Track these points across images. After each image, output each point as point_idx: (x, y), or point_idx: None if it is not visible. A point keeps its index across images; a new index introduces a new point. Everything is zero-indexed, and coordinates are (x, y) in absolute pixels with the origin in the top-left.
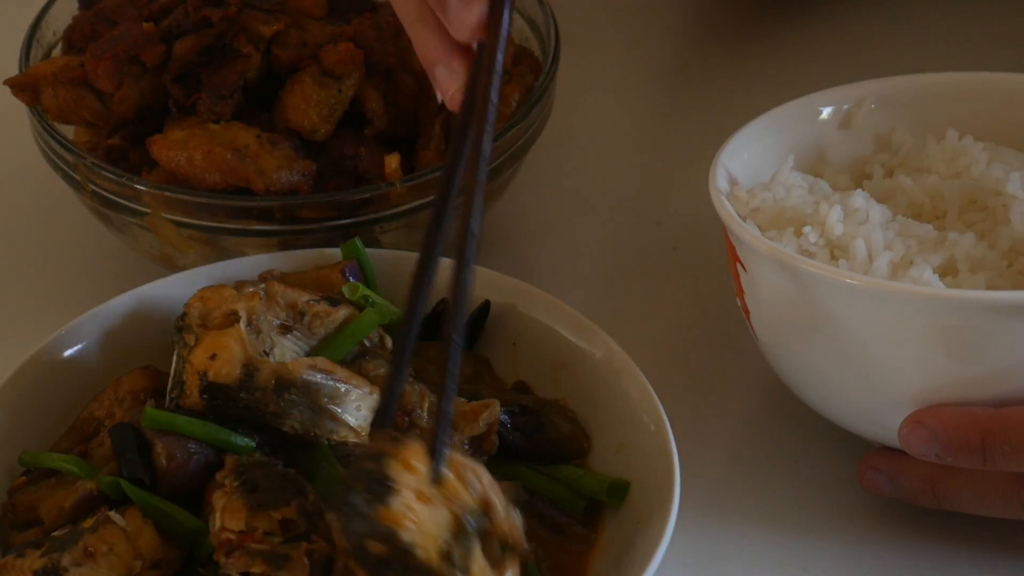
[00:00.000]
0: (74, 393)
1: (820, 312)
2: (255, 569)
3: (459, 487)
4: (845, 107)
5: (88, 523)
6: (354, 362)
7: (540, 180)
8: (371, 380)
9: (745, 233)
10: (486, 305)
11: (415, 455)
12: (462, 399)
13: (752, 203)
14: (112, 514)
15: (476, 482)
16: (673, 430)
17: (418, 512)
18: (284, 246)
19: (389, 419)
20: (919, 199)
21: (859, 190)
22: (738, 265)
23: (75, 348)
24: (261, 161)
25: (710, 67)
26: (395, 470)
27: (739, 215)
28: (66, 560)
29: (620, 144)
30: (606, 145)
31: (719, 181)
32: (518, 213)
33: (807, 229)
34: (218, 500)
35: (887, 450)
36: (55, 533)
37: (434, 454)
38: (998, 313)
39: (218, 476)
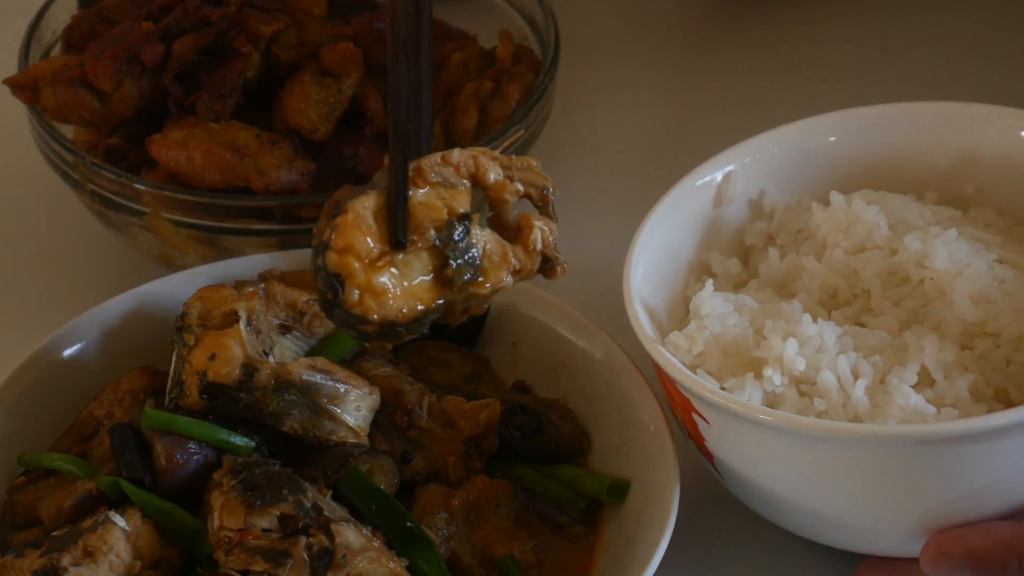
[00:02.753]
0: (74, 393)
1: (808, 461)
2: (255, 567)
3: (429, 206)
4: (715, 180)
5: (87, 523)
6: (353, 362)
7: None
8: (371, 380)
9: (709, 393)
10: None
11: (354, 230)
12: (462, 399)
13: (694, 348)
14: (112, 514)
15: (450, 172)
16: (673, 430)
17: (376, 287)
18: (284, 245)
19: (403, 233)
20: (832, 281)
21: (794, 304)
22: (695, 415)
23: (74, 348)
24: (260, 160)
25: (710, 66)
26: (334, 262)
27: (687, 365)
28: (65, 560)
29: (620, 143)
30: (606, 144)
31: (643, 323)
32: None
33: (768, 371)
34: (216, 499)
35: (882, 560)
36: (54, 533)
37: (392, 221)
38: (992, 435)
39: (216, 476)
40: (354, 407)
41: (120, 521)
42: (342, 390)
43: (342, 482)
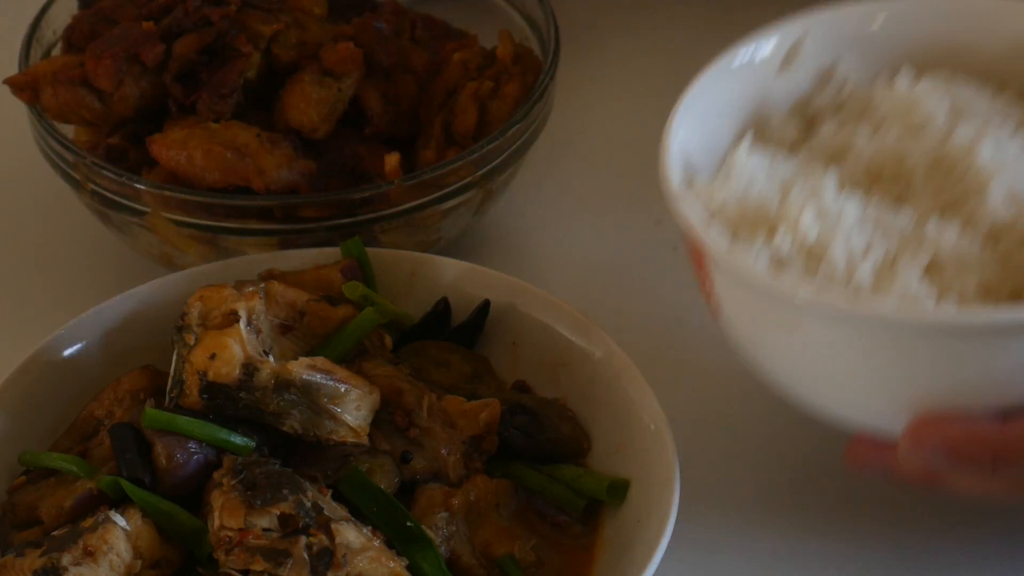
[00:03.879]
0: (74, 393)
1: (802, 331)
2: (255, 566)
3: None
4: (787, 44)
5: (88, 522)
6: (354, 362)
7: (540, 180)
8: (371, 380)
9: (711, 247)
10: (486, 305)
11: None
12: (462, 398)
13: (714, 201)
14: (112, 514)
15: None
16: (672, 429)
17: None
18: (284, 245)
19: None
20: (878, 160)
21: (828, 174)
22: (703, 268)
23: (75, 347)
24: (261, 160)
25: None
26: None
27: (703, 216)
28: (66, 559)
29: (620, 143)
30: (606, 144)
31: (672, 171)
32: (518, 213)
33: (780, 235)
34: (216, 499)
35: (874, 439)
36: (55, 532)
37: None
38: (993, 332)
39: (216, 475)
40: (354, 407)
41: (120, 521)
42: (342, 390)
43: (342, 482)
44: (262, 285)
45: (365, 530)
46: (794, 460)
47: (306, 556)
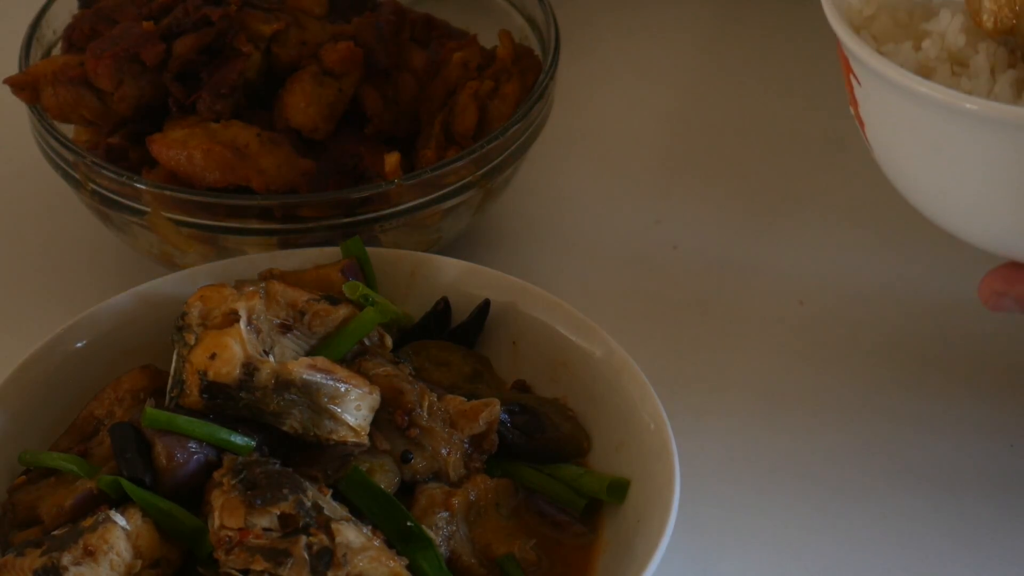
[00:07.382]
0: (74, 392)
1: (939, 133)
2: (255, 566)
3: None
4: None
5: (88, 522)
6: (354, 361)
7: (540, 180)
8: (371, 379)
9: (860, 50)
10: (486, 304)
11: None
12: (462, 398)
13: (866, 11)
14: (112, 513)
15: None
16: (673, 428)
17: None
18: (284, 245)
19: None
20: None
21: None
22: (852, 77)
23: (75, 347)
24: (261, 160)
25: (709, 65)
26: None
27: (853, 25)
28: (66, 559)
29: (620, 143)
30: (606, 144)
31: None
32: (518, 213)
33: (927, 44)
34: (216, 499)
35: (1011, 269)
36: (55, 532)
37: None
38: None
39: (216, 475)
40: (354, 406)
41: (120, 520)
42: (342, 389)
43: (342, 481)
44: (262, 285)
45: (365, 530)
46: (794, 460)
47: (306, 556)
